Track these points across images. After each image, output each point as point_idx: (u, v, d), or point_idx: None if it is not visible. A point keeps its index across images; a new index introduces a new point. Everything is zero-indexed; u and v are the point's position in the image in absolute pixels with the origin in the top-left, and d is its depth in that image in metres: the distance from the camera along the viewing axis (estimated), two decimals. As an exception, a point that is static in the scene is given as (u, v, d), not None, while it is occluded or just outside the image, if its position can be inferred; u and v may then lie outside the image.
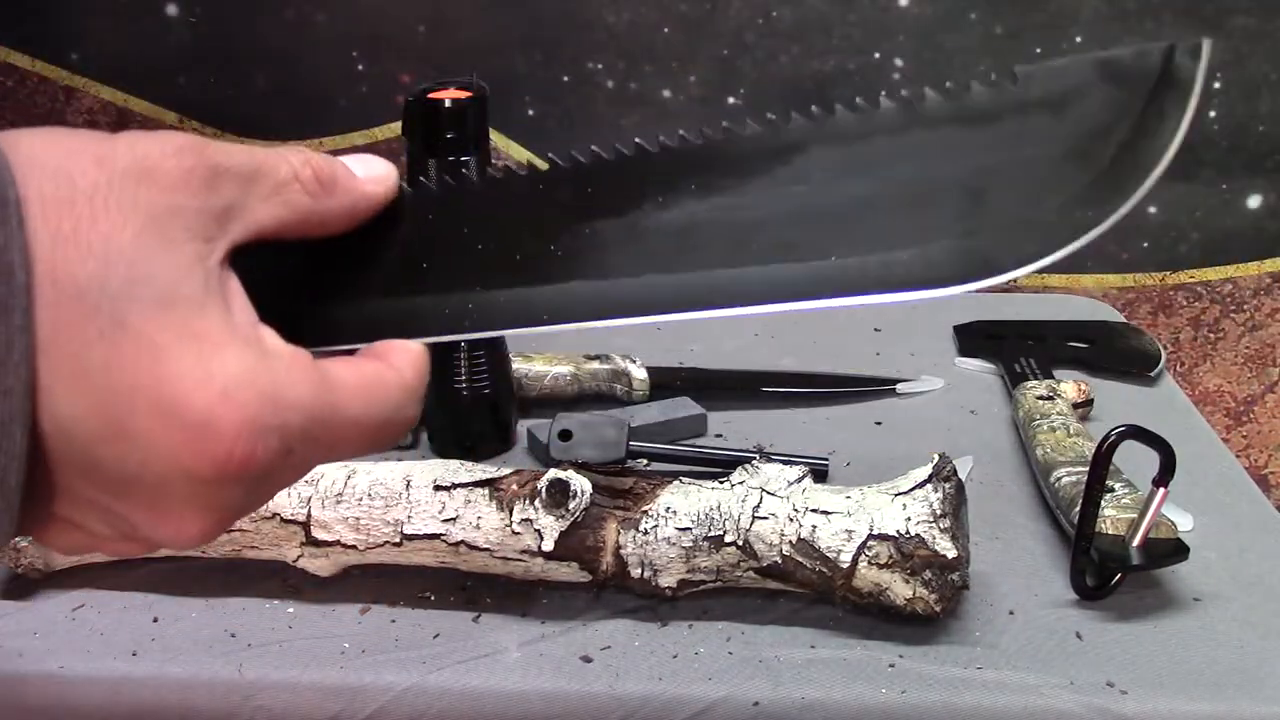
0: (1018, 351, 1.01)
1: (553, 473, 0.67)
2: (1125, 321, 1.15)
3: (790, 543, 0.65)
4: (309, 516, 0.67)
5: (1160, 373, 1.01)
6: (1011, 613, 0.68)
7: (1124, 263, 1.25)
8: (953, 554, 0.63)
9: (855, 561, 0.64)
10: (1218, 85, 1.15)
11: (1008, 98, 0.35)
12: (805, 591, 0.67)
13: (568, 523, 0.66)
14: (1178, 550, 0.67)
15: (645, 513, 0.67)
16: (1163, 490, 0.65)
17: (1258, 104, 1.16)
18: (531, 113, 1.19)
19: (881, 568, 0.64)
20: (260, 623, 0.67)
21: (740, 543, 0.66)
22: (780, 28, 1.15)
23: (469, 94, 0.79)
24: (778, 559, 0.66)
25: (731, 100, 1.18)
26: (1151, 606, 0.69)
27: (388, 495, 0.68)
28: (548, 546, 0.66)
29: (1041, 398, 0.88)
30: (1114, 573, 0.68)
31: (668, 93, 1.18)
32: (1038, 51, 1.15)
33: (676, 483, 0.69)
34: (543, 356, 0.95)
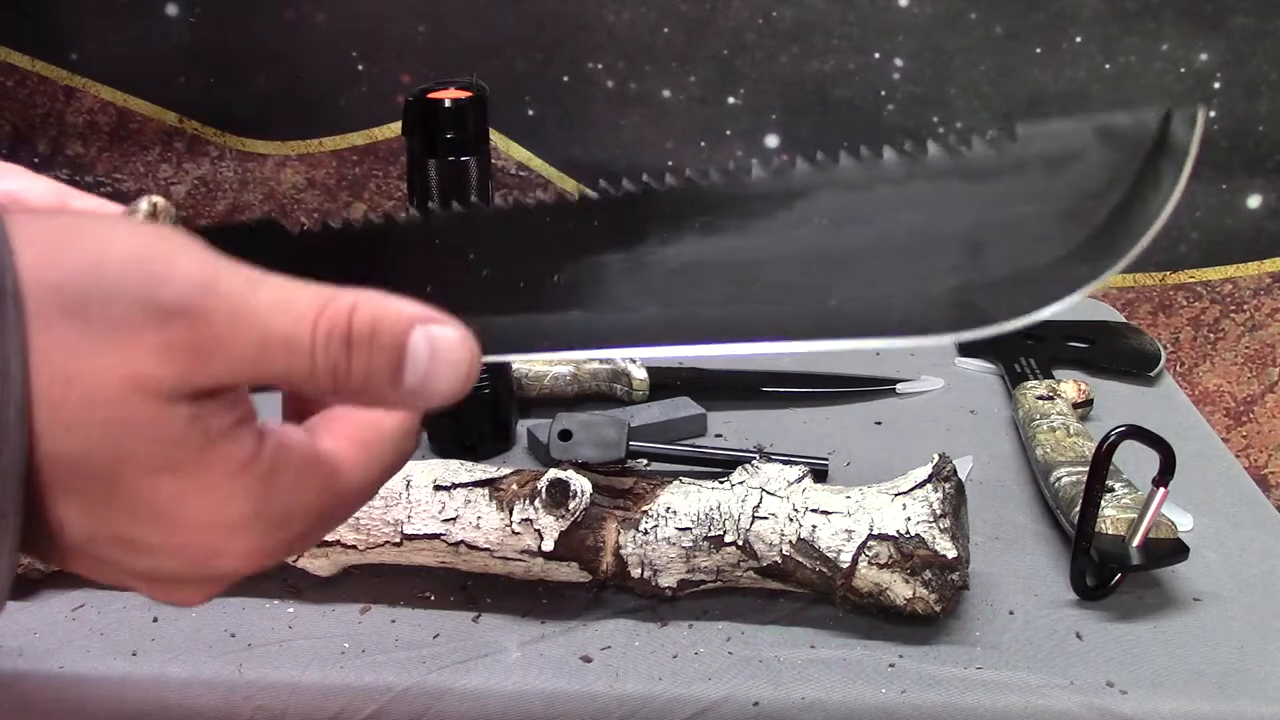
0: (1017, 351, 1.01)
1: (553, 473, 0.67)
2: (1125, 321, 1.15)
3: (790, 543, 0.65)
4: (309, 516, 0.67)
5: (1160, 373, 1.01)
6: (1011, 613, 0.68)
7: (1124, 263, 1.25)
8: (953, 554, 0.63)
9: (855, 561, 0.64)
10: (1217, 85, 1.15)
11: (1007, 155, 0.36)
12: (805, 591, 0.67)
13: (568, 523, 0.66)
14: (1178, 550, 0.67)
15: (645, 513, 0.67)
16: (1163, 490, 0.65)
17: (1258, 104, 1.16)
18: (531, 113, 1.19)
19: (881, 568, 0.64)
20: (260, 623, 0.67)
21: (740, 543, 0.66)
22: (780, 28, 1.15)
23: (469, 94, 0.79)
24: (778, 559, 0.66)
25: (731, 100, 1.18)
26: (1151, 606, 0.69)
27: (388, 495, 0.68)
28: (548, 546, 0.66)
29: (1041, 398, 0.88)
30: (1114, 573, 0.68)
31: (668, 93, 1.18)
32: (1038, 51, 1.15)
33: (676, 483, 0.69)
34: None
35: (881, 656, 0.64)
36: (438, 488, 0.68)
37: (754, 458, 0.72)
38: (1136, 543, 0.67)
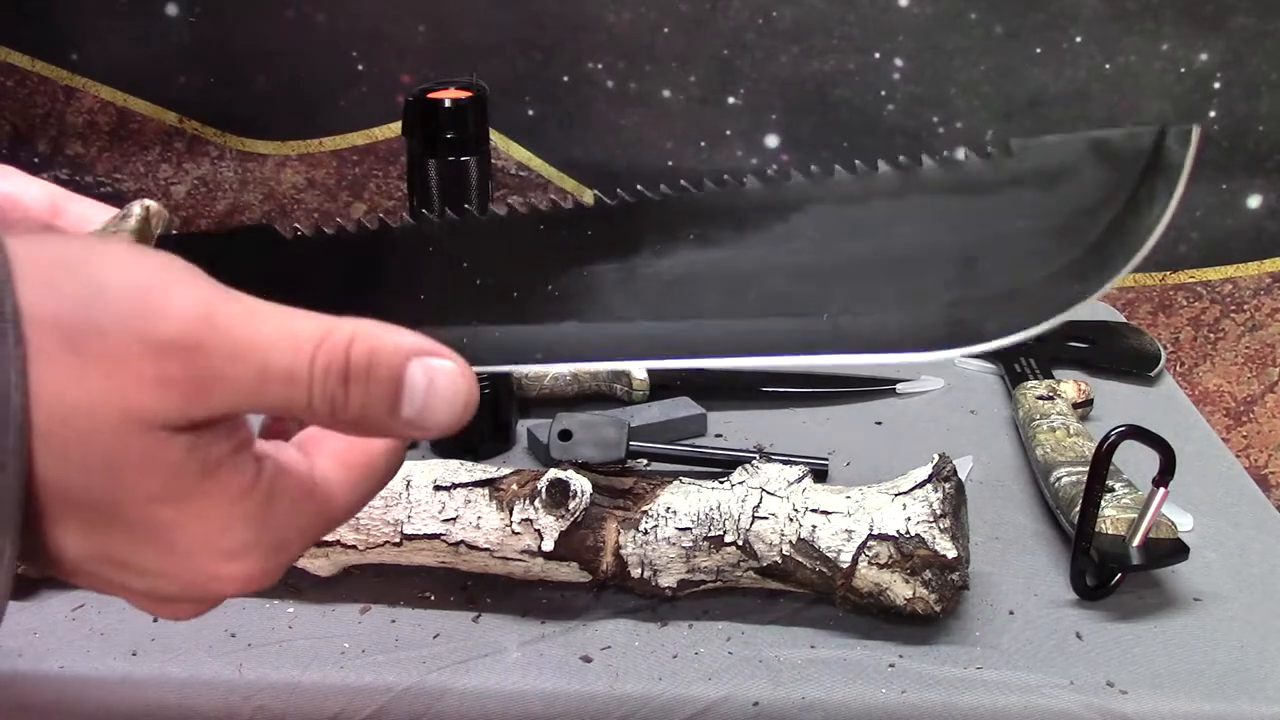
0: (1017, 351, 1.01)
1: (553, 473, 0.67)
2: (1125, 321, 1.15)
3: (790, 543, 0.65)
4: (309, 516, 0.67)
5: (1160, 373, 1.01)
6: (1011, 613, 0.68)
7: (1124, 263, 1.24)
8: (953, 554, 0.63)
9: (855, 561, 0.64)
10: (1217, 85, 1.15)
11: (1002, 170, 0.36)
12: (805, 591, 0.67)
13: (568, 523, 0.66)
14: (1178, 550, 0.67)
15: (645, 513, 0.67)
16: (1163, 490, 0.65)
17: (1258, 104, 1.16)
18: (531, 113, 1.19)
19: (881, 568, 0.64)
20: (260, 623, 0.67)
21: (740, 543, 0.66)
22: (780, 28, 1.15)
23: (469, 94, 0.79)
24: (778, 559, 0.66)
25: (731, 100, 1.18)
26: (1151, 606, 0.69)
27: (388, 495, 0.68)
28: (548, 546, 0.66)
29: (1041, 398, 0.88)
30: (1114, 573, 0.68)
31: (668, 93, 1.18)
32: (1038, 51, 1.15)
33: (676, 483, 0.69)
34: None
35: (881, 656, 0.64)
36: (438, 488, 0.68)
37: (754, 458, 0.72)
38: (1136, 543, 0.67)
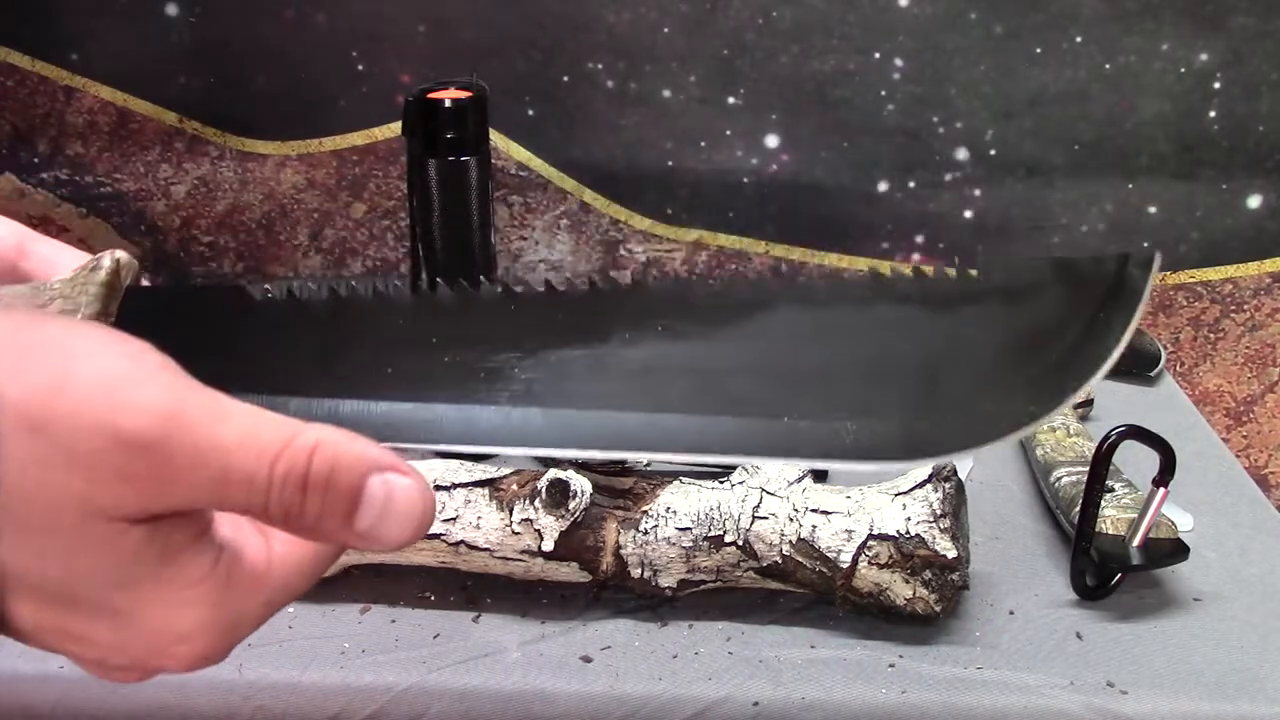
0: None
1: (553, 473, 0.67)
2: (1125, 321, 1.15)
3: (790, 543, 0.65)
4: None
5: (1160, 373, 1.01)
6: (1011, 613, 0.68)
7: (1124, 263, 1.24)
8: (953, 554, 0.63)
9: (855, 561, 0.64)
10: (1217, 85, 1.15)
11: (968, 286, 0.36)
12: (805, 591, 0.67)
13: (568, 523, 0.66)
14: (1178, 550, 0.67)
15: (645, 513, 0.67)
16: (1163, 490, 0.65)
17: (1258, 104, 1.16)
18: (531, 113, 1.19)
19: (881, 568, 0.64)
20: (260, 623, 0.67)
21: (740, 543, 0.66)
22: (780, 28, 1.15)
23: (469, 94, 0.79)
24: (778, 559, 0.66)
25: (731, 100, 1.18)
26: (1151, 606, 0.69)
27: (388, 495, 0.67)
28: (548, 546, 0.66)
29: (1041, 398, 0.88)
30: (1114, 573, 0.68)
31: (668, 93, 1.18)
32: (1038, 51, 1.15)
33: (676, 483, 0.69)
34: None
35: (881, 656, 0.64)
36: (438, 488, 0.68)
37: (754, 458, 0.72)
38: (1136, 543, 0.67)
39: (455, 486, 0.68)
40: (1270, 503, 0.82)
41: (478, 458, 0.71)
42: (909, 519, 0.64)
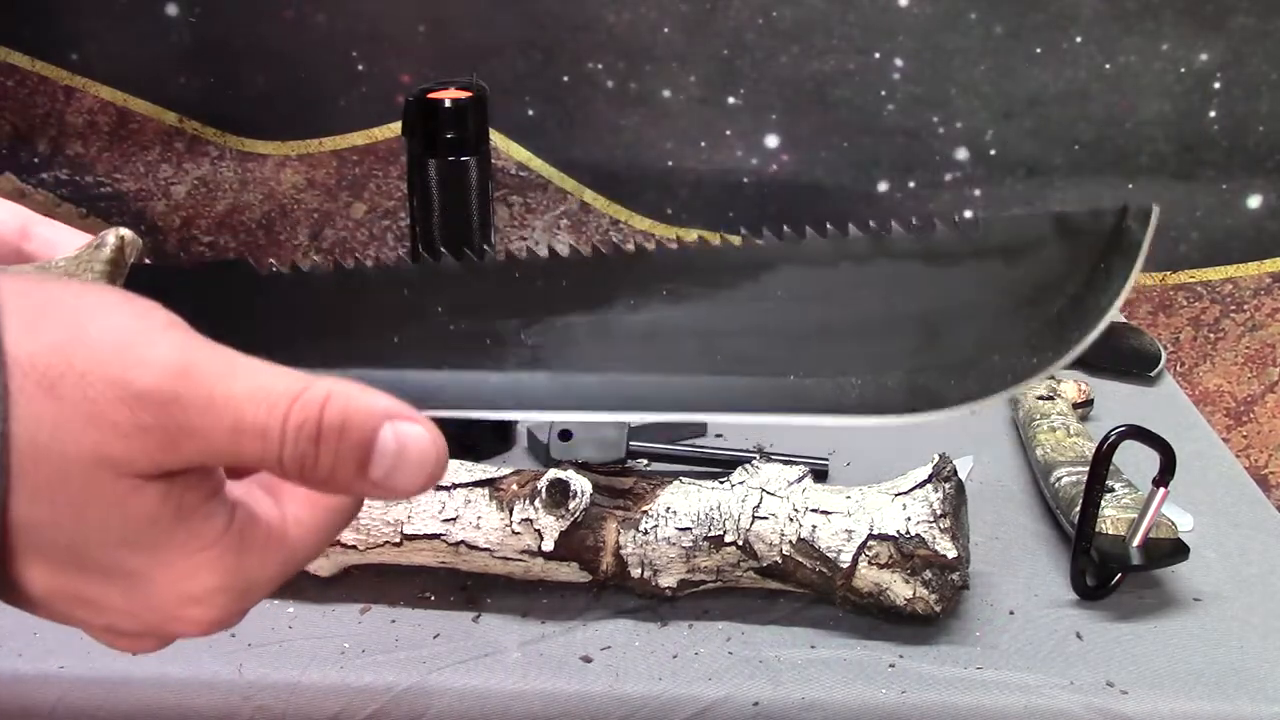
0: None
1: (553, 473, 0.67)
2: (1125, 321, 1.15)
3: (790, 543, 0.65)
4: (309, 516, 0.67)
5: (1160, 373, 1.01)
6: (1011, 613, 0.68)
7: (1124, 263, 1.24)
8: (953, 554, 0.63)
9: (855, 561, 0.64)
10: (1217, 85, 1.15)
11: (969, 242, 0.37)
12: (805, 591, 0.67)
13: (568, 523, 0.66)
14: (1178, 550, 0.67)
15: (645, 513, 0.67)
16: (1163, 490, 0.65)
17: (1258, 104, 1.16)
18: (531, 113, 1.19)
19: (881, 568, 0.64)
20: (260, 623, 0.67)
21: (740, 543, 0.66)
22: (780, 28, 1.15)
23: (469, 94, 0.79)
24: (778, 559, 0.66)
25: (731, 100, 1.18)
26: (1151, 606, 0.69)
27: (388, 495, 0.67)
28: (548, 546, 0.66)
29: (1041, 398, 0.88)
30: (1114, 573, 0.68)
31: (668, 93, 1.18)
32: (1038, 51, 1.15)
33: (676, 483, 0.69)
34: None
35: (881, 656, 0.64)
36: (438, 488, 0.68)
37: (754, 458, 0.72)
38: (1136, 543, 0.67)
39: (455, 486, 0.68)
40: (1270, 503, 0.82)
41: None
42: (909, 519, 0.64)
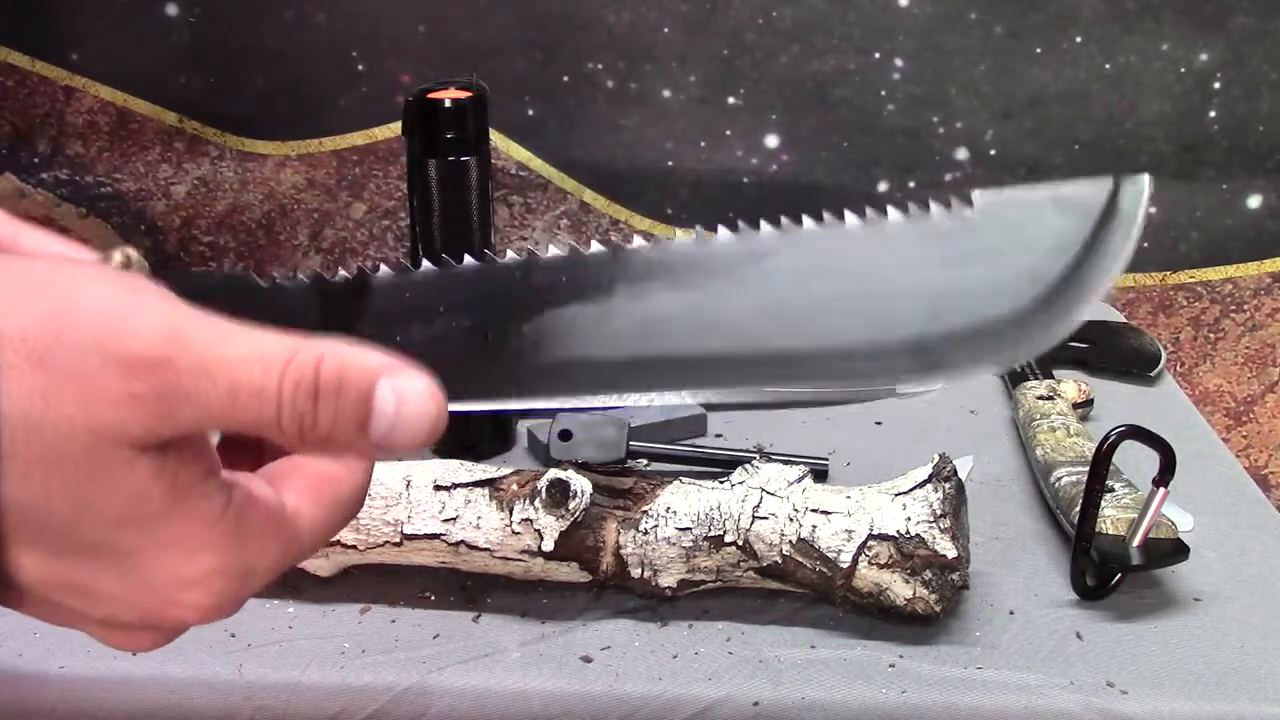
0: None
1: (553, 473, 0.67)
2: (1125, 321, 1.15)
3: (790, 543, 0.65)
4: (309, 516, 0.67)
5: (1160, 373, 1.01)
6: (1011, 613, 0.68)
7: (1124, 262, 1.24)
8: (953, 554, 0.63)
9: (855, 561, 0.64)
10: (1217, 85, 1.15)
11: (965, 220, 0.38)
12: (805, 591, 0.67)
13: (568, 523, 0.66)
14: (1178, 550, 0.67)
15: (645, 513, 0.67)
16: (1163, 490, 0.65)
17: (1258, 104, 1.16)
18: (531, 113, 1.19)
19: (881, 568, 0.64)
20: (260, 623, 0.67)
21: (740, 543, 0.66)
22: (780, 28, 1.15)
23: (469, 94, 0.79)
24: (778, 559, 0.66)
25: (731, 100, 1.18)
26: (1151, 606, 0.69)
27: (388, 495, 0.68)
28: (548, 546, 0.66)
29: (1041, 398, 0.88)
30: (1114, 573, 0.68)
31: (668, 93, 1.18)
32: (1038, 51, 1.15)
33: (676, 483, 0.69)
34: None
35: (881, 656, 0.64)
36: (438, 488, 0.68)
37: (754, 458, 0.72)
38: (1136, 543, 0.67)
39: (455, 486, 0.68)
40: (1270, 503, 0.82)
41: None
42: (909, 519, 0.64)
